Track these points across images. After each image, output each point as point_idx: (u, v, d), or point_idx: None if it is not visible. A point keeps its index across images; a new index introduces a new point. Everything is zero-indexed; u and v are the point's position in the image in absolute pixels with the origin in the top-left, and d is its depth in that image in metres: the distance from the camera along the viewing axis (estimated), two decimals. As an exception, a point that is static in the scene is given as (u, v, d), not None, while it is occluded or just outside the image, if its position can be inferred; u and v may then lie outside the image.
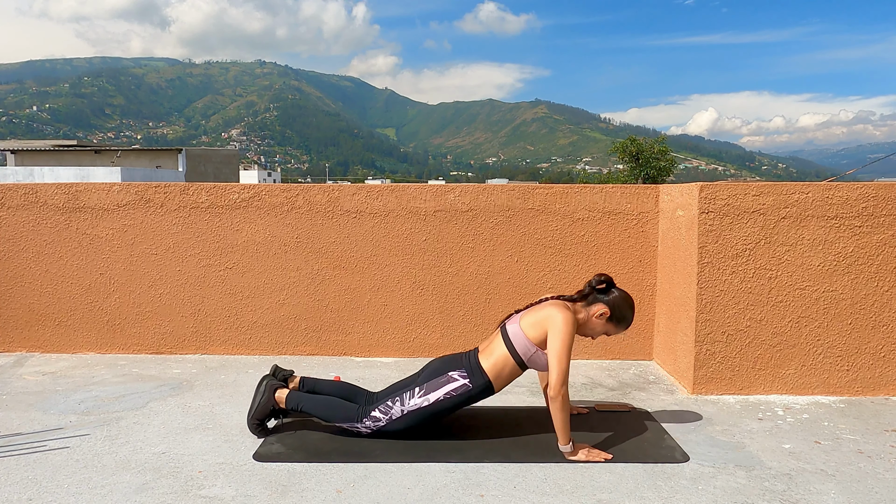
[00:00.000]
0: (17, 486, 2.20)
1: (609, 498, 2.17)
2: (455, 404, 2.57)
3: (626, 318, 2.61)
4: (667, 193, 3.68)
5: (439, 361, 2.69)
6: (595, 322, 2.60)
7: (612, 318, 2.59)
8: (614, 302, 2.58)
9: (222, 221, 3.89)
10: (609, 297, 2.59)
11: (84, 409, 2.98)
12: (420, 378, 2.66)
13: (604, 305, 2.58)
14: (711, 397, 3.23)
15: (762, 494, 2.20)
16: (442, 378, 2.59)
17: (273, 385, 2.70)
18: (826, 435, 2.74)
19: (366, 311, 3.92)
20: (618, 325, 2.62)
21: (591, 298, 2.62)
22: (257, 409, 2.66)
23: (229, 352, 3.95)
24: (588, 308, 2.61)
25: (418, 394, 2.58)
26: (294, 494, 2.17)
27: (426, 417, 2.57)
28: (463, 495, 2.18)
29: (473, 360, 2.61)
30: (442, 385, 2.58)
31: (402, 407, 2.57)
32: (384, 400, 2.62)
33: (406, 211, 3.85)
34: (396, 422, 2.57)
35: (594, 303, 2.60)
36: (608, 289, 2.61)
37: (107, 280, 3.93)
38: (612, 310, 2.58)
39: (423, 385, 2.60)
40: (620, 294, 2.61)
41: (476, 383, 2.56)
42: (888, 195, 3.18)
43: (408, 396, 2.58)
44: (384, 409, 2.59)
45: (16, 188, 3.91)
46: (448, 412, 2.59)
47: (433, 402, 2.56)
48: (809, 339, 3.23)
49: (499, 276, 3.86)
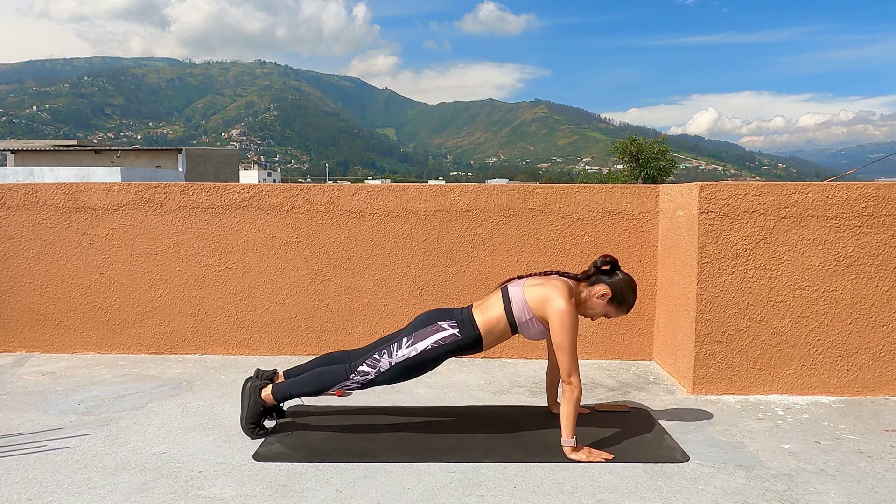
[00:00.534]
0: (17, 486, 2.20)
1: (609, 498, 2.17)
2: (443, 353, 2.53)
3: (628, 301, 2.59)
4: (667, 193, 3.68)
5: (428, 312, 2.65)
6: (595, 302, 2.59)
7: (614, 299, 2.57)
8: (617, 283, 2.57)
9: (222, 221, 3.89)
10: (612, 278, 2.58)
11: (84, 409, 2.98)
12: (408, 328, 2.62)
13: (606, 286, 2.57)
14: (711, 397, 3.23)
15: (762, 494, 2.20)
16: (431, 327, 2.56)
17: (256, 386, 2.67)
18: (826, 435, 2.74)
19: (366, 311, 3.92)
20: (618, 308, 2.60)
21: (595, 279, 2.60)
22: (248, 413, 2.64)
23: (229, 352, 3.95)
24: (590, 288, 2.60)
25: (406, 344, 2.54)
26: (294, 494, 2.17)
27: (415, 367, 2.54)
28: (463, 495, 2.18)
29: (466, 312, 2.59)
30: (431, 334, 2.54)
31: (390, 359, 2.53)
32: (371, 353, 2.58)
33: (406, 211, 3.85)
34: (385, 374, 2.54)
35: (597, 283, 2.59)
36: (612, 270, 2.60)
37: (107, 280, 3.93)
38: (614, 291, 2.56)
39: (410, 335, 2.57)
40: (624, 277, 2.59)
41: (465, 334, 2.53)
42: (888, 195, 3.18)
43: (395, 348, 2.55)
44: (372, 362, 2.55)
45: (16, 188, 3.91)
46: (436, 362, 2.55)
47: (421, 350, 2.52)
48: (809, 339, 3.23)
49: (499, 276, 3.86)
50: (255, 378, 2.79)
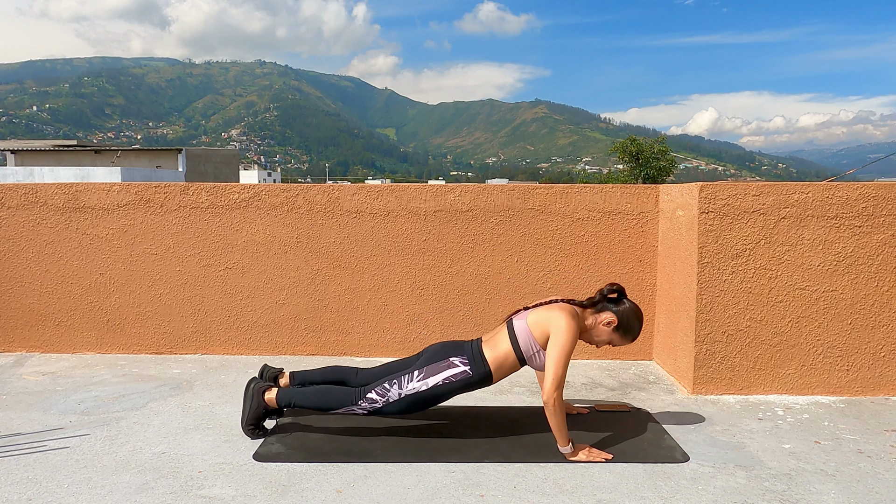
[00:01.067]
0: (17, 486, 2.20)
1: (609, 498, 2.17)
2: (453, 390, 2.55)
3: (633, 330, 2.60)
4: (667, 193, 3.68)
5: (440, 346, 2.66)
6: (601, 329, 2.60)
7: (619, 327, 2.58)
8: (623, 312, 2.58)
9: (222, 221, 3.89)
10: (619, 307, 2.60)
11: (84, 409, 2.98)
12: (419, 361, 2.63)
13: (612, 314, 2.58)
14: (711, 397, 3.23)
15: (762, 494, 2.20)
16: (442, 363, 2.57)
17: (260, 388, 2.68)
18: (826, 435, 2.74)
19: (366, 311, 3.92)
20: (623, 336, 2.61)
21: (601, 306, 2.61)
22: (249, 415, 2.64)
23: (229, 352, 3.95)
24: (596, 315, 2.61)
25: (417, 377, 2.56)
26: (294, 494, 2.17)
27: (423, 401, 2.55)
28: (463, 495, 2.18)
29: (476, 348, 2.60)
30: (442, 370, 2.56)
31: (400, 390, 2.55)
32: (381, 382, 2.59)
33: (406, 211, 3.85)
34: (393, 404, 2.55)
35: (603, 310, 2.60)
36: (619, 299, 2.61)
37: (107, 280, 3.93)
38: (620, 319, 2.57)
39: (422, 368, 2.58)
40: (630, 306, 2.61)
41: (476, 371, 2.55)
42: (888, 195, 3.18)
43: (406, 380, 2.56)
44: (381, 391, 2.57)
45: (16, 188, 3.91)
46: (445, 397, 2.57)
47: (431, 386, 2.54)
48: (809, 339, 3.23)
49: (499, 276, 3.86)
50: (260, 378, 2.78)
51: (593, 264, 3.83)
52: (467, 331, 3.89)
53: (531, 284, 3.86)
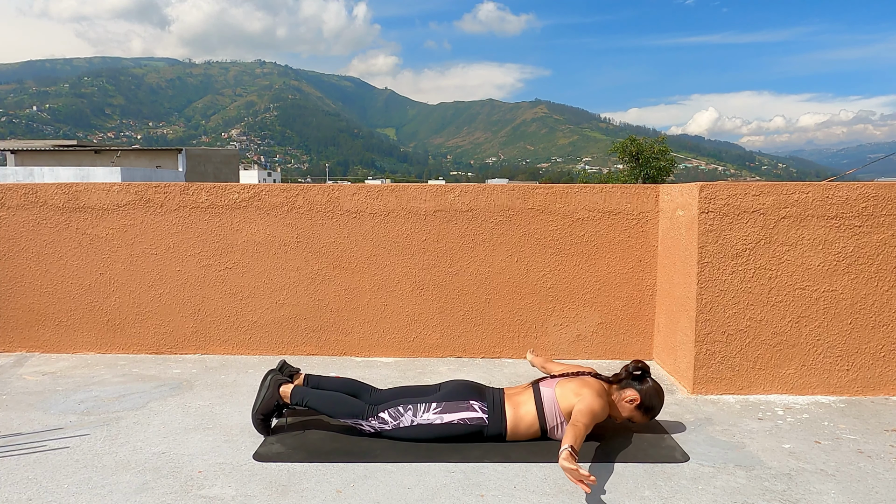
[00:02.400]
0: (17, 486, 2.20)
1: (609, 498, 2.17)
2: (464, 433, 2.56)
3: (654, 409, 2.67)
4: (667, 193, 3.68)
5: (462, 384, 2.68)
6: (624, 406, 2.66)
7: (641, 405, 2.64)
8: (646, 391, 2.64)
9: (222, 221, 3.89)
10: (643, 385, 2.65)
11: (84, 409, 2.98)
12: (439, 394, 2.65)
13: (635, 392, 2.64)
14: (711, 397, 3.23)
15: (762, 494, 2.20)
16: (462, 403, 2.59)
17: (278, 380, 2.70)
18: (826, 435, 2.74)
19: (366, 311, 3.92)
20: (644, 415, 2.67)
21: (625, 383, 2.67)
22: (262, 403, 2.65)
23: (229, 352, 3.95)
24: (620, 392, 2.66)
25: (434, 409, 2.57)
26: (294, 494, 2.17)
27: (433, 435, 2.56)
28: (463, 495, 2.18)
29: (498, 400, 2.62)
30: (461, 409, 2.57)
31: (414, 418, 2.56)
32: (396, 404, 2.61)
33: (406, 211, 3.85)
34: (403, 430, 2.57)
35: (627, 388, 2.66)
36: (643, 377, 2.67)
37: (107, 280, 3.93)
38: (642, 398, 2.63)
39: (441, 403, 2.59)
40: (654, 385, 2.66)
41: (492, 423, 2.57)
42: (888, 195, 3.18)
43: (422, 409, 2.57)
44: (394, 413, 2.58)
45: (16, 188, 3.91)
46: (453, 439, 2.57)
47: (446, 422, 2.55)
48: (809, 338, 3.23)
49: (499, 276, 3.86)
50: (279, 372, 2.80)
51: (593, 264, 3.83)
52: (467, 331, 3.89)
53: (531, 284, 3.86)
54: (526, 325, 3.88)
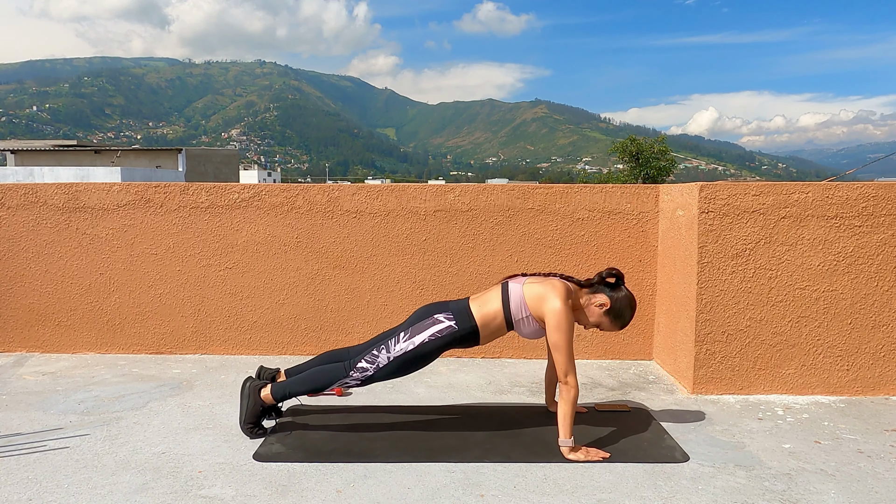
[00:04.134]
0: (17, 486, 2.20)
1: (609, 498, 2.17)
2: (440, 345, 2.55)
3: (624, 316, 2.60)
4: (667, 193, 3.68)
5: (425, 307, 2.67)
6: (592, 310, 2.60)
7: (611, 311, 2.58)
8: (618, 298, 2.58)
9: (222, 221, 3.89)
10: (615, 292, 2.59)
11: (84, 409, 2.98)
12: (405, 323, 2.64)
13: (606, 297, 2.58)
14: (711, 397, 3.23)
15: (762, 494, 2.20)
16: (427, 320, 2.58)
17: (256, 386, 2.68)
18: (826, 435, 2.74)
19: (366, 311, 3.92)
20: (613, 322, 2.60)
21: (597, 288, 2.61)
22: (247, 413, 2.64)
23: (229, 352, 3.95)
24: (591, 295, 2.60)
25: (403, 338, 2.56)
26: (294, 494, 2.17)
27: (413, 360, 2.55)
28: (463, 495, 2.18)
29: (463, 304, 2.62)
30: (427, 327, 2.56)
31: (388, 354, 2.55)
32: (370, 349, 2.60)
33: (406, 211, 3.85)
34: (384, 369, 2.55)
35: (598, 292, 2.60)
36: (617, 284, 2.61)
37: (107, 280, 3.93)
38: (612, 303, 2.57)
39: (408, 329, 2.59)
40: (627, 293, 2.60)
41: (462, 325, 2.55)
42: (888, 195, 3.18)
43: (393, 343, 2.57)
44: (370, 358, 2.57)
45: (16, 188, 3.91)
46: (434, 354, 2.56)
47: (419, 344, 2.54)
48: (809, 338, 3.23)
49: (499, 276, 3.85)
50: (256, 378, 2.79)
51: (593, 264, 3.83)
52: (467, 331, 3.89)
53: (531, 284, 3.85)
54: (526, 325, 3.88)
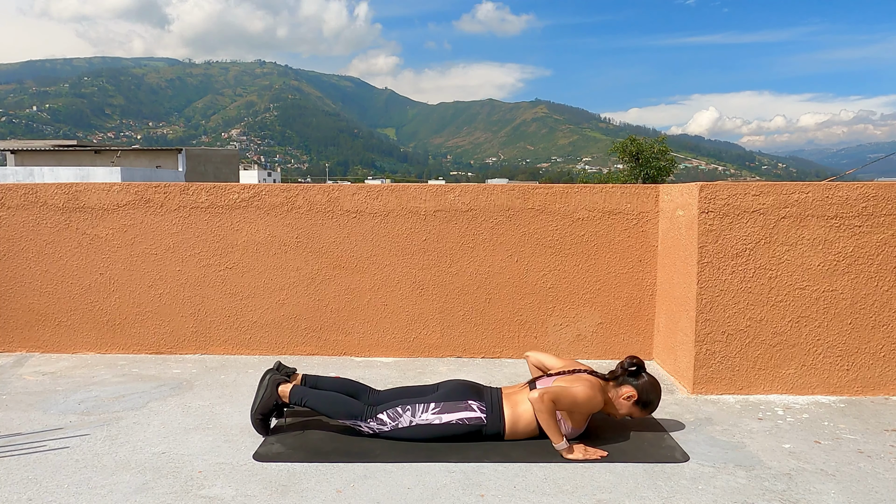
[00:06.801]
0: (17, 486, 2.20)
1: (609, 498, 2.17)
2: (463, 433, 2.57)
3: (652, 404, 2.66)
4: (667, 193, 3.68)
5: (460, 384, 2.69)
6: (621, 403, 2.65)
7: (639, 401, 2.64)
8: (643, 387, 2.63)
9: (222, 221, 3.89)
10: (638, 380, 2.65)
11: (84, 409, 2.98)
12: (437, 394, 2.65)
13: (632, 388, 2.63)
14: (711, 397, 3.23)
15: (762, 494, 2.20)
16: (460, 403, 2.60)
17: (276, 379, 2.70)
18: (826, 435, 2.74)
19: (366, 311, 3.92)
20: (643, 410, 2.67)
21: (622, 380, 2.66)
22: (260, 403, 2.65)
23: (229, 352, 3.95)
24: (617, 388, 2.66)
25: (432, 410, 2.58)
26: (294, 494, 2.17)
27: (432, 435, 2.57)
28: (463, 495, 2.18)
29: (496, 399, 2.63)
30: (459, 410, 2.58)
31: (413, 419, 2.57)
32: (394, 405, 2.61)
33: (406, 211, 3.85)
34: (402, 431, 2.57)
35: (623, 384, 2.65)
36: (638, 372, 2.66)
37: (107, 280, 3.93)
38: (639, 394, 2.63)
39: (439, 403, 2.60)
40: (649, 379, 2.66)
41: (491, 423, 2.58)
42: (888, 195, 3.18)
43: (421, 409, 2.58)
44: (393, 414, 2.58)
45: (16, 188, 3.91)
46: (452, 438, 2.58)
47: (444, 423, 2.56)
48: (809, 338, 3.23)
49: (499, 276, 3.86)
50: (277, 371, 2.80)
51: (593, 264, 3.83)
52: (467, 331, 3.89)
53: (531, 284, 3.86)
54: (526, 325, 3.88)
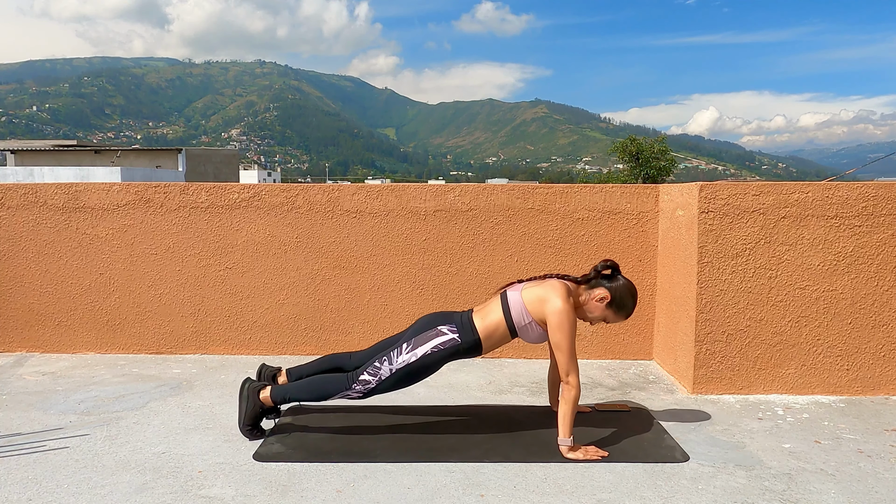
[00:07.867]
0: (17, 486, 2.20)
1: (609, 498, 2.17)
2: (442, 357, 2.54)
3: (627, 306, 2.58)
4: (667, 193, 3.68)
5: (428, 317, 2.65)
6: (594, 305, 2.58)
7: (613, 303, 2.56)
8: (617, 288, 2.56)
9: (222, 221, 3.89)
10: (613, 282, 2.58)
11: (84, 409, 2.98)
12: (407, 333, 2.63)
13: (605, 290, 2.56)
14: (711, 397, 3.23)
15: (762, 494, 2.20)
16: (430, 332, 2.57)
17: (254, 388, 2.67)
18: (826, 435, 2.74)
19: (366, 311, 3.92)
20: (617, 312, 2.59)
21: (595, 283, 2.60)
22: (245, 415, 2.63)
23: (229, 352, 3.95)
24: (590, 291, 2.59)
25: (406, 349, 2.55)
26: (294, 494, 2.17)
27: (415, 372, 2.54)
28: (463, 495, 2.18)
29: (466, 317, 2.61)
30: (430, 339, 2.55)
31: (391, 366, 2.54)
32: (372, 362, 2.59)
33: (406, 211, 3.85)
34: (386, 381, 2.54)
35: (596, 286, 2.58)
36: (613, 275, 2.60)
37: (107, 280, 3.93)
38: (613, 295, 2.55)
39: (410, 340, 2.57)
40: (625, 282, 2.59)
41: (465, 338, 2.54)
42: (888, 195, 3.18)
43: (395, 354, 2.56)
44: (372, 370, 2.56)
45: (16, 188, 3.91)
46: (436, 366, 2.56)
47: (421, 356, 2.53)
48: (809, 338, 3.23)
49: (499, 276, 3.85)
50: (257, 377, 2.79)
51: (593, 264, 3.82)
52: (467, 331, 3.89)
53: (531, 284, 3.85)
54: (526, 325, 3.88)
